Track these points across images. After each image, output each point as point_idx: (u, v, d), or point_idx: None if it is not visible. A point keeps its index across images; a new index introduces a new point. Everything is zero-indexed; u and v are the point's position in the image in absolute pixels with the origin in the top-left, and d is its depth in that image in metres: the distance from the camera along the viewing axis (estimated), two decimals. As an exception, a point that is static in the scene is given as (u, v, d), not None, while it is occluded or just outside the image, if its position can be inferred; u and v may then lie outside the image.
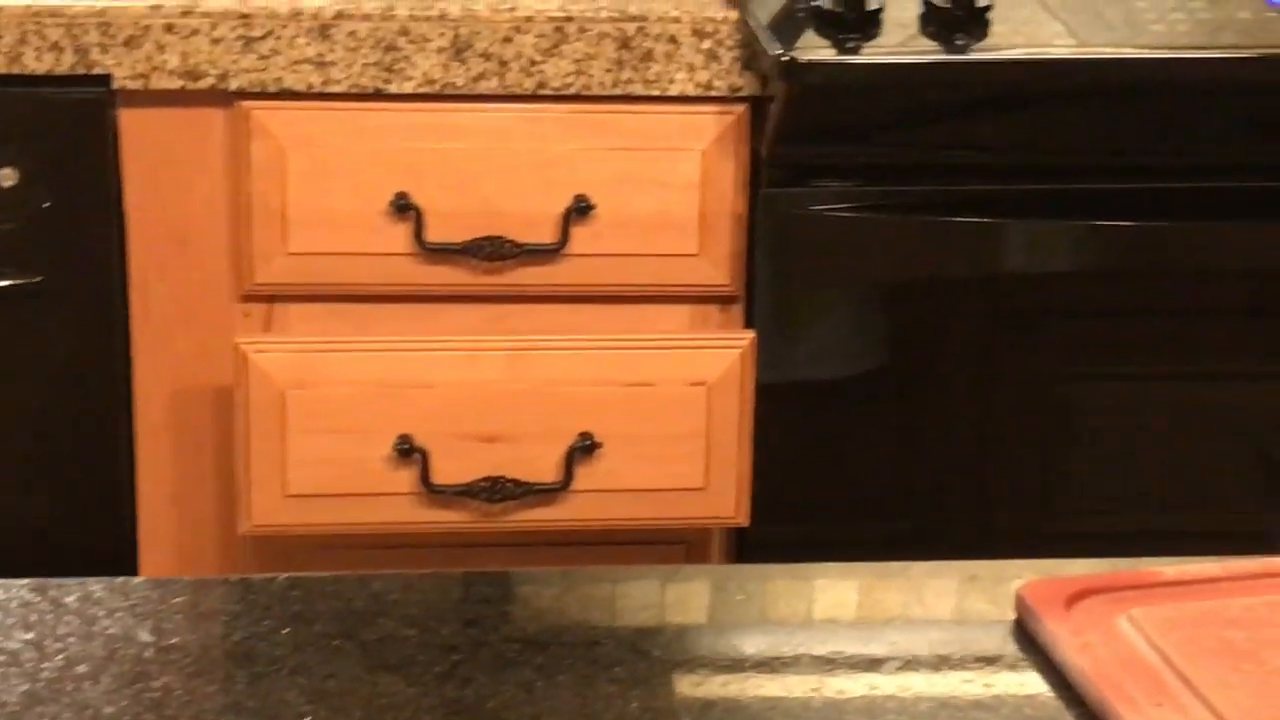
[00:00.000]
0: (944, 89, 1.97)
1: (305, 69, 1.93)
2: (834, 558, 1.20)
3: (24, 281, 1.96)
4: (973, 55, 1.95)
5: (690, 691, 1.03)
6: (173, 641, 1.03)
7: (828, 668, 1.05)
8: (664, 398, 1.97)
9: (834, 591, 1.16)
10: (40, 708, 0.97)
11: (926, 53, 1.95)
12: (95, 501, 2.02)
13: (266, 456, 1.93)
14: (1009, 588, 1.10)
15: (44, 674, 1.00)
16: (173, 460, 2.02)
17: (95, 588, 1.07)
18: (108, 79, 1.93)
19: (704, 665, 1.05)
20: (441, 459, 1.95)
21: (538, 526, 1.99)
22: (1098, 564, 1.14)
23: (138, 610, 1.06)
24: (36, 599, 1.06)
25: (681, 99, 1.97)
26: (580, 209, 1.97)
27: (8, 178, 1.94)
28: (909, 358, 2.05)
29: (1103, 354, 2.05)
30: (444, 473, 1.96)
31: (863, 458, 2.05)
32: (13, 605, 1.06)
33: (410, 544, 2.01)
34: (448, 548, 2.01)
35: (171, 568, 2.03)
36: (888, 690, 1.03)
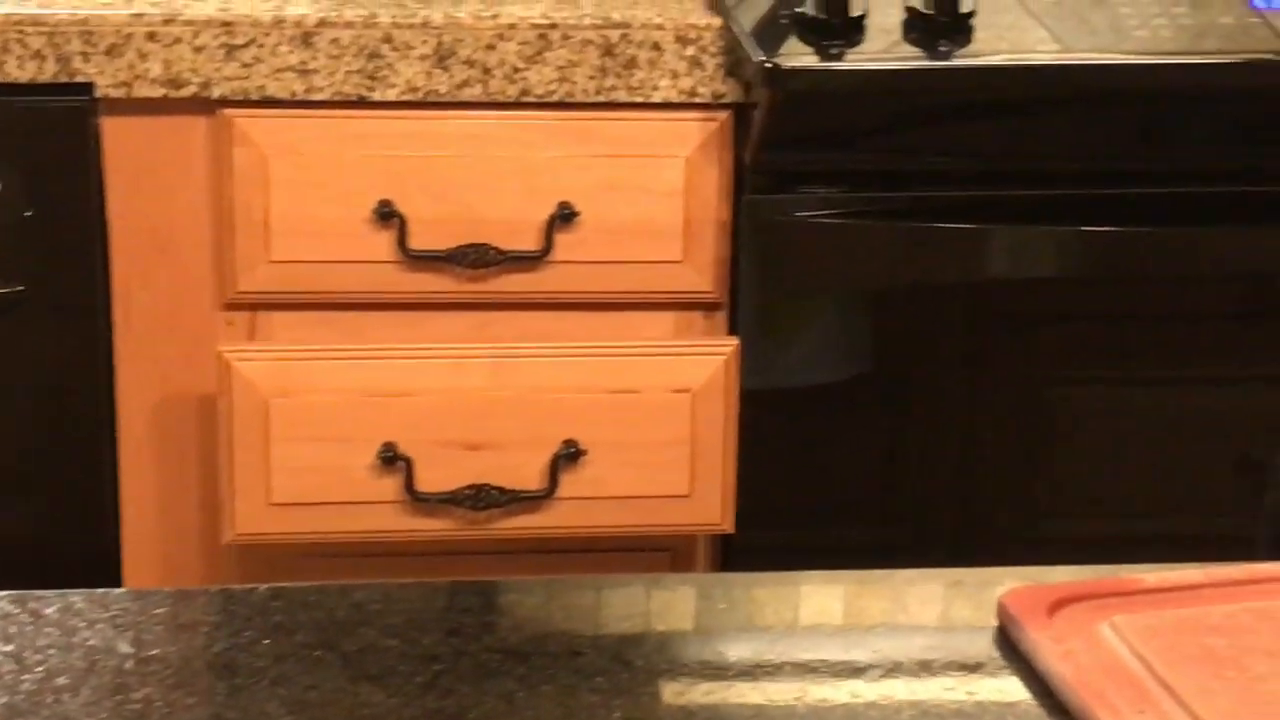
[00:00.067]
0: (928, 95, 1.97)
1: (288, 77, 1.93)
2: (820, 564, 1.20)
3: (6, 290, 1.96)
4: (956, 61, 1.96)
5: (673, 700, 1.03)
6: (153, 653, 1.03)
7: (811, 675, 1.05)
8: (648, 405, 1.97)
9: (817, 599, 1.16)
10: (20, 720, 0.97)
11: (910, 59, 1.96)
12: (78, 511, 2.02)
13: (250, 465, 1.93)
14: (993, 594, 1.10)
15: (24, 686, 1.00)
16: (156, 469, 2.02)
17: (75, 599, 1.06)
18: (90, 87, 1.92)
19: (687, 674, 1.05)
20: (426, 467, 1.95)
21: (523, 534, 1.99)
22: (1080, 571, 1.14)
23: (118, 622, 1.05)
24: (16, 610, 1.06)
25: (665, 106, 1.97)
26: (564, 216, 1.97)
27: (-10, 186, 1.93)
28: (893, 364, 2.05)
29: (1088, 359, 2.06)
30: (428, 481, 1.96)
31: (847, 464, 2.05)
32: (-8, 617, 1.05)
33: (395, 552, 2.00)
34: (432, 556, 2.00)
35: (155, 577, 2.03)
36: (870, 698, 1.03)
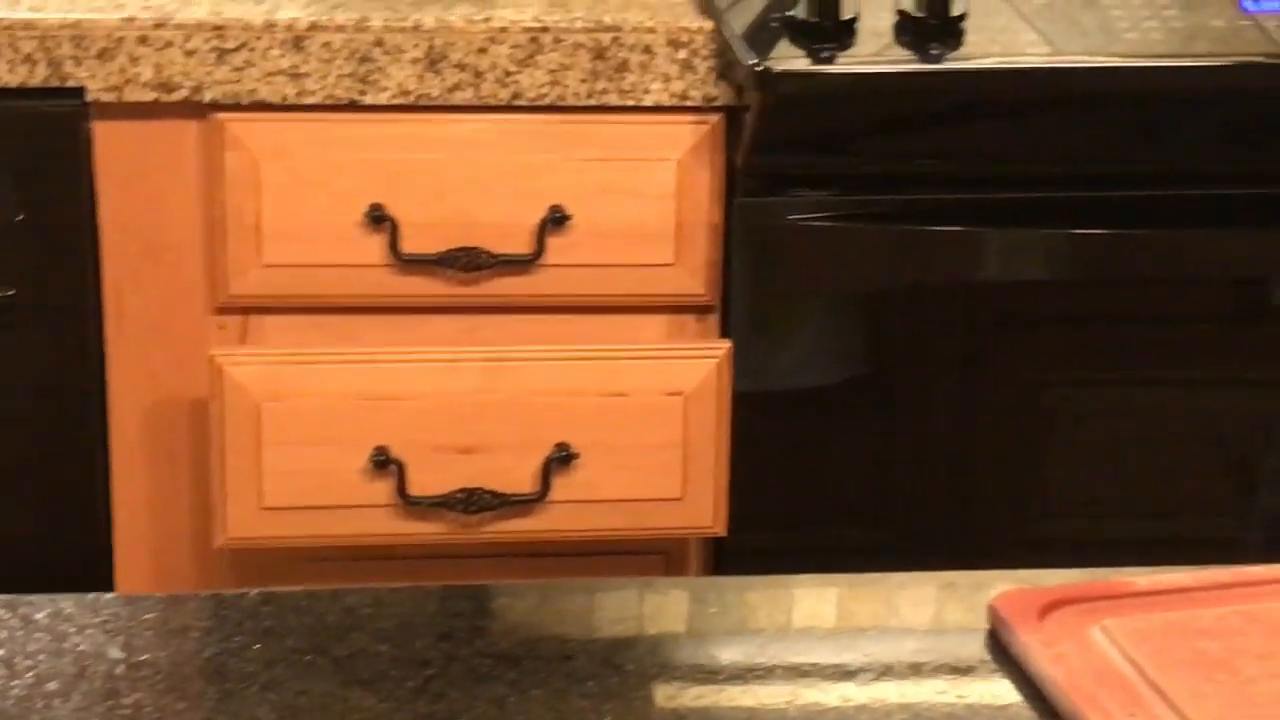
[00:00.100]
0: (919, 98, 1.98)
1: (279, 80, 1.93)
2: (812, 566, 1.20)
3: (-2, 295, 1.96)
4: (948, 64, 1.96)
5: (664, 704, 1.03)
6: (143, 658, 1.03)
7: (802, 678, 1.05)
8: (641, 408, 1.96)
9: (809, 602, 1.16)
10: (10, 725, 0.97)
11: (901, 62, 1.96)
12: (71, 514, 2.02)
13: (242, 469, 1.93)
14: (984, 597, 1.10)
15: (14, 692, 1.00)
16: (148, 473, 2.02)
17: (65, 604, 1.06)
18: (81, 91, 1.92)
19: (678, 678, 1.05)
20: (418, 470, 1.95)
21: (515, 537, 1.99)
22: (1073, 574, 1.14)
23: (108, 627, 1.05)
24: (6, 615, 1.06)
25: (657, 109, 1.97)
26: (556, 219, 1.97)
27: (-19, 191, 1.93)
28: (886, 366, 2.05)
29: (1080, 361, 2.06)
30: (420, 484, 1.95)
31: (840, 466, 2.05)
32: (-17, 622, 1.05)
33: (387, 556, 2.00)
34: (425, 559, 2.00)
35: (147, 581, 2.02)
36: (861, 701, 1.03)
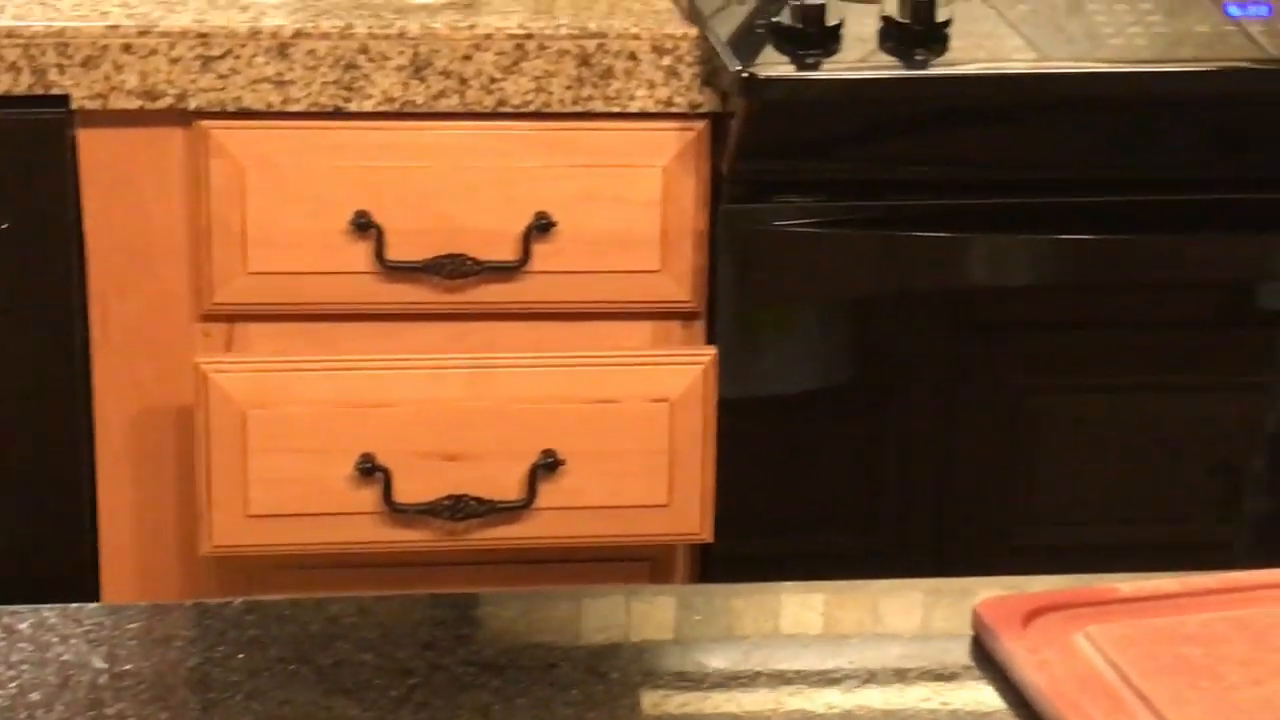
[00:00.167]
0: (904, 104, 1.98)
1: (264, 88, 1.93)
2: (799, 572, 1.20)
3: (-18, 303, 1.95)
4: (933, 70, 1.96)
5: (648, 712, 1.03)
6: (126, 668, 1.03)
7: (787, 685, 1.05)
8: (626, 414, 1.96)
9: (794, 609, 1.16)
10: (-7, 736, 0.97)
11: (886, 68, 1.96)
12: (56, 523, 2.01)
13: (227, 477, 1.93)
14: (969, 603, 1.10)
15: (-3, 702, 0.99)
16: (134, 481, 2.01)
17: (48, 614, 1.06)
18: (66, 99, 1.92)
19: (662, 686, 1.05)
20: (404, 478, 1.95)
21: (501, 545, 1.99)
22: (1058, 580, 1.14)
23: (91, 637, 1.05)
24: (-11, 626, 1.06)
25: (642, 115, 1.97)
26: (541, 226, 1.97)
27: (-35, 199, 1.93)
28: (871, 372, 2.05)
29: (1065, 367, 2.06)
30: (406, 492, 1.95)
31: (826, 472, 2.05)
32: (-34, 632, 1.05)
33: (373, 563, 2.00)
34: (411, 567, 2.00)
35: (133, 589, 2.02)
36: (845, 707, 1.03)
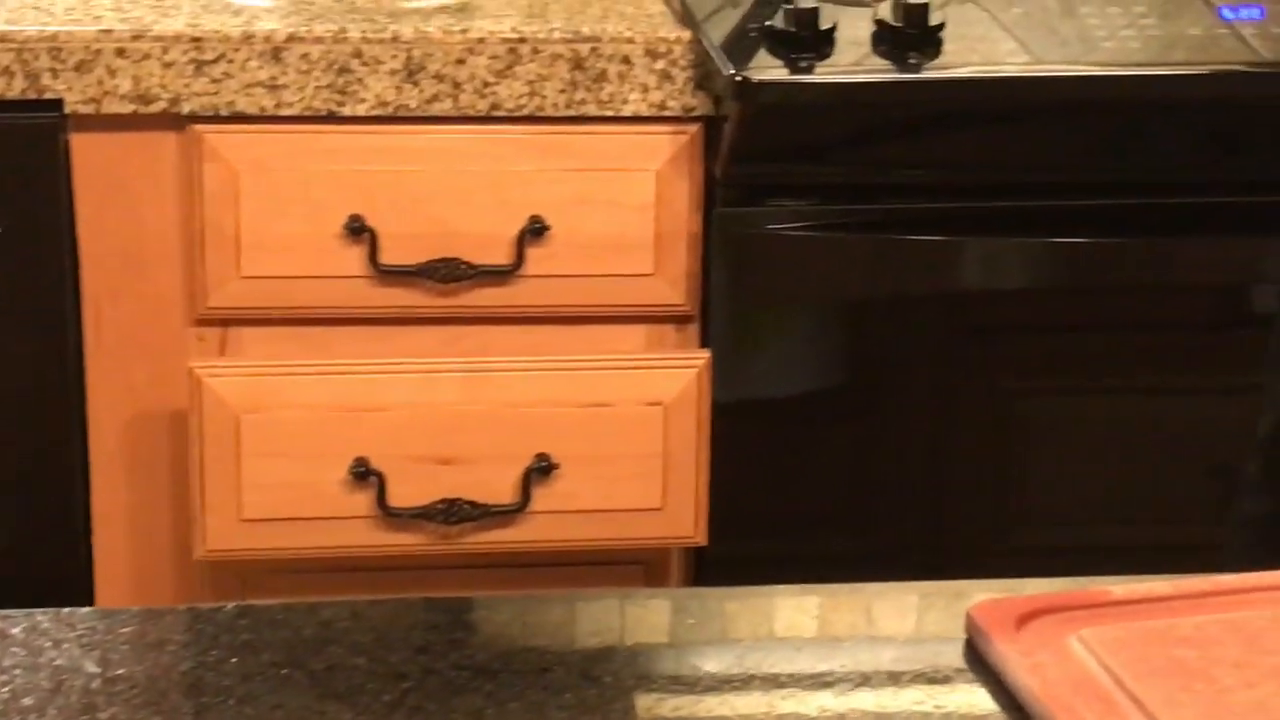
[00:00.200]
0: (897, 107, 1.98)
1: (257, 92, 1.93)
2: (792, 575, 1.20)
3: (-24, 307, 1.95)
4: (926, 74, 1.96)
5: (642, 715, 1.03)
6: (119, 672, 1.02)
7: (780, 689, 1.05)
8: (621, 418, 1.96)
9: (788, 612, 1.16)
10: (-15, 741, 0.97)
11: (880, 71, 1.96)
12: (50, 527, 2.01)
13: (221, 481, 1.93)
14: (963, 606, 1.10)
15: (-11, 707, 0.99)
16: (127, 485, 2.01)
17: (41, 619, 1.06)
18: (59, 104, 1.92)
19: (655, 689, 1.05)
20: (398, 482, 1.95)
21: (495, 548, 1.99)
22: (1051, 583, 1.14)
23: (84, 641, 1.05)
24: (-18, 630, 1.06)
25: (635, 119, 1.97)
26: (535, 230, 1.97)
27: (-41, 203, 1.93)
28: (865, 375, 2.05)
29: (1058, 369, 2.06)
30: (400, 495, 1.95)
31: (820, 475, 2.05)
32: (-42, 637, 1.05)
33: (367, 567, 2.00)
34: (405, 570, 2.00)
35: (127, 594, 2.02)
36: (839, 710, 1.03)
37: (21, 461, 1.99)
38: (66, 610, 1.07)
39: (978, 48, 1.98)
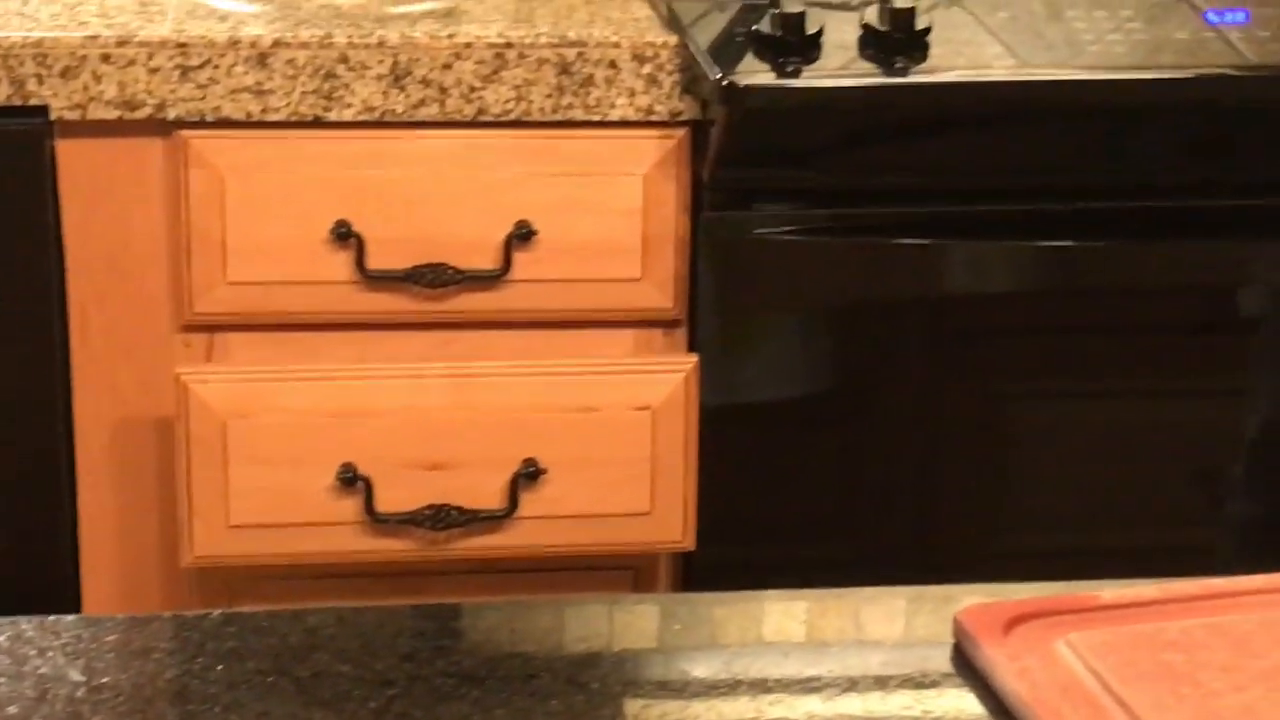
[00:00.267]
0: (884, 111, 1.98)
1: (244, 97, 1.93)
2: (781, 580, 1.20)
3: (-39, 314, 1.95)
4: (913, 78, 1.96)
5: (629, 722, 1.03)
6: (104, 680, 1.02)
7: (768, 693, 1.05)
8: (608, 423, 1.96)
9: (776, 617, 1.15)
10: (-30, 749, 0.96)
11: (866, 76, 1.96)
12: (36, 534, 2.01)
13: (208, 487, 1.92)
14: (951, 611, 1.10)
15: (-26, 715, 0.99)
16: (114, 492, 2.01)
17: (25, 626, 1.06)
18: (45, 110, 1.92)
19: (642, 695, 1.05)
20: (385, 487, 1.94)
21: (483, 554, 1.99)
22: (1040, 587, 1.13)
23: (69, 649, 1.04)
24: (-33, 638, 1.05)
25: (622, 124, 1.97)
26: (522, 235, 1.97)
27: (-56, 210, 1.92)
28: (853, 380, 2.05)
29: (1046, 373, 2.06)
30: (388, 501, 1.95)
31: (808, 480, 2.05)
32: (-57, 645, 1.05)
33: (355, 573, 2.00)
34: (393, 576, 2.00)
35: (114, 600, 2.01)
36: (826, 715, 1.03)
37: (7, 467, 1.99)
38: (51, 618, 1.07)
39: (964, 52, 1.98)
